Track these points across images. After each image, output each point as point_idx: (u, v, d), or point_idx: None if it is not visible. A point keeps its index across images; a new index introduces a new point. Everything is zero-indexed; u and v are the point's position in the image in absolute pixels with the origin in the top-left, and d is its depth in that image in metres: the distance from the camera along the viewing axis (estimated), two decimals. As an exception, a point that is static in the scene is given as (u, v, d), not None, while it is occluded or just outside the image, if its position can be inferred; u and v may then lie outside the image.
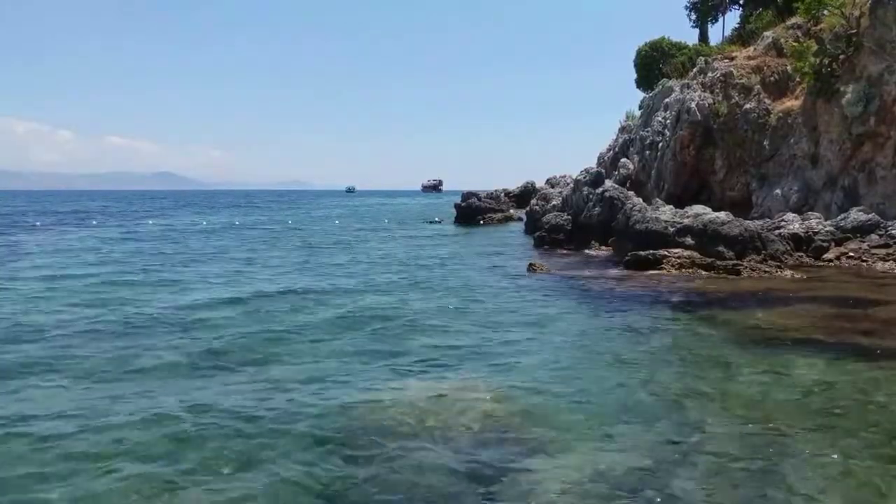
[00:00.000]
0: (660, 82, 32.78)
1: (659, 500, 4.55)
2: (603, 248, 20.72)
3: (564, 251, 21.52)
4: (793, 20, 26.38)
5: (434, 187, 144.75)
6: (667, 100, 29.57)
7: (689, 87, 28.01)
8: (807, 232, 18.68)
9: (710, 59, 28.83)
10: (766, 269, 15.65)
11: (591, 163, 34.73)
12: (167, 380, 7.38)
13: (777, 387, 7.04)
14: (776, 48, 26.24)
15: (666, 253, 16.32)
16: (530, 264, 17.19)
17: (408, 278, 15.90)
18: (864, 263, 16.75)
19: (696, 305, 12.05)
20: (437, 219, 41.55)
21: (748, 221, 18.68)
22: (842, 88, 21.00)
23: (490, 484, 4.81)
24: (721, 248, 16.72)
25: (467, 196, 39.80)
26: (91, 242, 25.91)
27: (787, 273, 15.51)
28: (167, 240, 27.80)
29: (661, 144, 29.22)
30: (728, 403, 6.52)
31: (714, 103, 26.24)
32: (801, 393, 6.84)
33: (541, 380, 7.35)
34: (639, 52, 41.89)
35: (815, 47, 22.42)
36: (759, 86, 25.45)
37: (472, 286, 14.58)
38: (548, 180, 42.30)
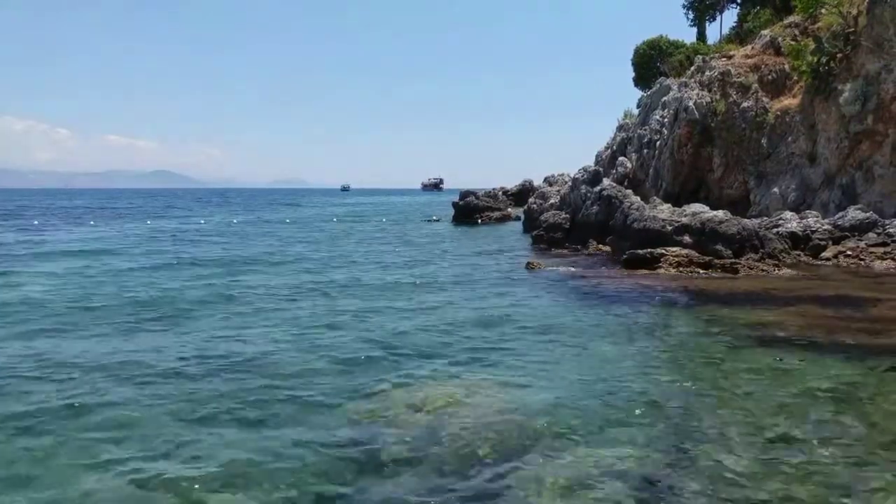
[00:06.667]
0: (657, 80, 32.78)
1: (655, 497, 4.55)
2: (601, 246, 20.71)
3: (562, 250, 21.50)
4: (790, 19, 26.42)
5: (435, 186, 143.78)
6: (665, 98, 29.56)
7: (686, 85, 28.01)
8: (805, 230, 18.69)
9: (707, 58, 28.83)
10: (764, 268, 15.65)
11: (590, 161, 34.70)
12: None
13: (774, 385, 7.03)
14: (774, 47, 26.26)
15: (664, 251, 16.30)
16: (528, 263, 17.18)
17: (404, 277, 15.88)
18: (862, 262, 16.76)
19: (693, 304, 12.05)
20: (434, 217, 41.58)
21: (746, 220, 18.69)
22: (839, 87, 21.01)
23: (487, 481, 4.80)
24: (719, 247, 16.73)
25: (465, 195, 39.80)
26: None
27: (785, 272, 15.52)
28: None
29: (658, 143, 29.22)
30: (725, 401, 6.51)
31: (712, 102, 26.25)
32: (798, 391, 6.83)
33: (538, 378, 7.34)
34: (637, 51, 41.90)
35: (812, 46, 22.45)
36: (756, 84, 25.48)
37: (470, 284, 14.56)
38: (546, 179, 42.28)
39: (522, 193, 48.10)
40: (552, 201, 27.71)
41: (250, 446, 5.47)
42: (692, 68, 29.31)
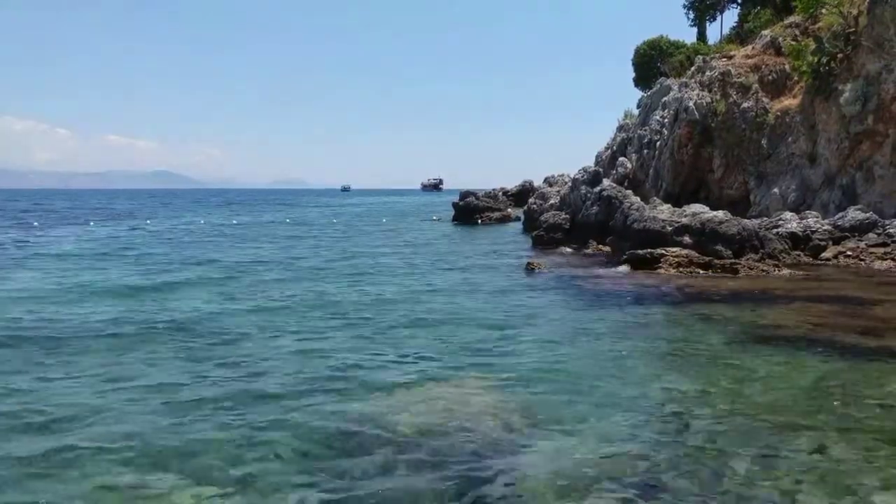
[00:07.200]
0: (658, 81, 32.78)
1: (653, 493, 4.54)
2: (601, 247, 20.70)
3: (562, 250, 21.51)
4: (791, 19, 26.41)
5: (434, 186, 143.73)
6: (665, 98, 29.56)
7: (687, 85, 28.01)
8: (805, 231, 18.68)
9: (708, 58, 28.82)
10: (764, 268, 15.64)
11: (590, 162, 34.71)
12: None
13: (772, 384, 7.03)
14: (774, 47, 26.25)
15: (664, 252, 16.29)
16: (528, 263, 17.16)
17: (404, 278, 15.87)
18: (862, 262, 16.75)
19: (693, 304, 12.02)
20: (434, 217, 41.64)
21: (746, 220, 18.67)
22: (840, 87, 21.00)
23: (488, 480, 4.78)
24: (719, 247, 16.71)
25: (465, 195, 39.82)
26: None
27: (785, 272, 15.50)
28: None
29: (659, 143, 29.22)
30: (723, 400, 6.49)
31: (712, 102, 26.24)
32: (796, 390, 6.83)
33: (538, 377, 7.33)
34: (637, 51, 41.94)
35: (813, 46, 22.44)
36: (757, 84, 25.47)
37: (471, 285, 14.55)
38: (546, 179, 42.31)
39: (522, 194, 48.15)
40: (552, 202, 27.73)
41: (245, 452, 5.45)
42: (692, 68, 29.31)
